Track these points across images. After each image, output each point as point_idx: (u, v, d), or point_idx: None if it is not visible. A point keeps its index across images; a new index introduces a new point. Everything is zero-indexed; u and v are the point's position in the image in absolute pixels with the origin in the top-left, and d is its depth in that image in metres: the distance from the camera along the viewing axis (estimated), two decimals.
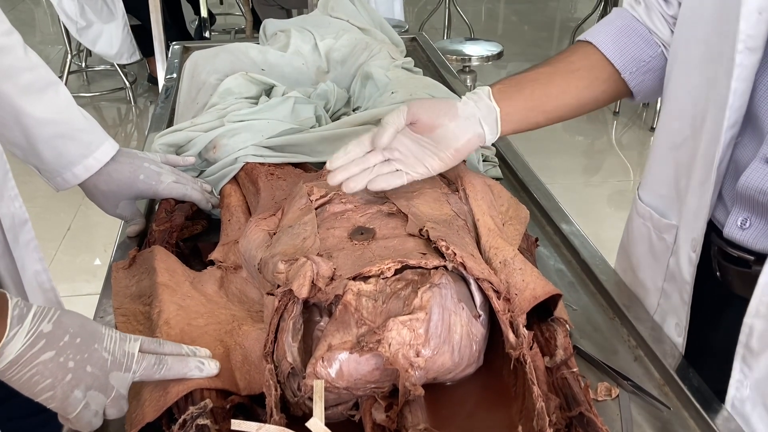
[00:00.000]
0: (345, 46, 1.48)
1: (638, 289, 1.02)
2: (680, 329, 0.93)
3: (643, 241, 1.01)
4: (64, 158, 0.97)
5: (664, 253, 0.96)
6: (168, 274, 0.91)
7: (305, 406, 0.72)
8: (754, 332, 0.80)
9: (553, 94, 0.97)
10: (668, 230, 0.95)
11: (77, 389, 0.65)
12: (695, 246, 0.88)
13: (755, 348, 0.81)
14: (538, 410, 0.69)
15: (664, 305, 0.96)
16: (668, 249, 0.95)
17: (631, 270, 1.05)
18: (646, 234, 1.00)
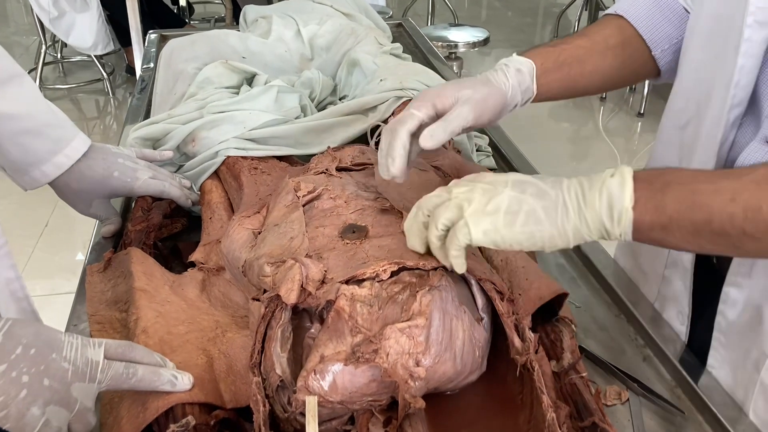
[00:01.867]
0: (329, 32, 1.42)
1: (638, 276, 0.98)
2: (683, 317, 0.89)
3: None
4: (32, 156, 0.91)
5: None
6: (145, 278, 0.85)
7: (296, 422, 0.67)
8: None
9: (587, 72, 0.93)
10: None
11: (34, 406, 0.59)
12: None
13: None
14: (549, 421, 0.64)
15: (664, 292, 0.93)
16: None
17: (632, 257, 1.01)
18: None
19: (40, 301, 2.41)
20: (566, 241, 0.66)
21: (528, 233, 0.65)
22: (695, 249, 0.66)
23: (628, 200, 0.63)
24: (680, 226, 0.62)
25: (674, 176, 0.64)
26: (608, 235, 0.65)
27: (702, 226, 0.61)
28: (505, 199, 0.66)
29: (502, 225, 0.65)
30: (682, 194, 0.62)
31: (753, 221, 0.59)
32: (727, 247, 0.63)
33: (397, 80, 1.18)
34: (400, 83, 1.17)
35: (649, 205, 0.63)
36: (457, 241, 0.66)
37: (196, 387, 0.70)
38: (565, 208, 0.65)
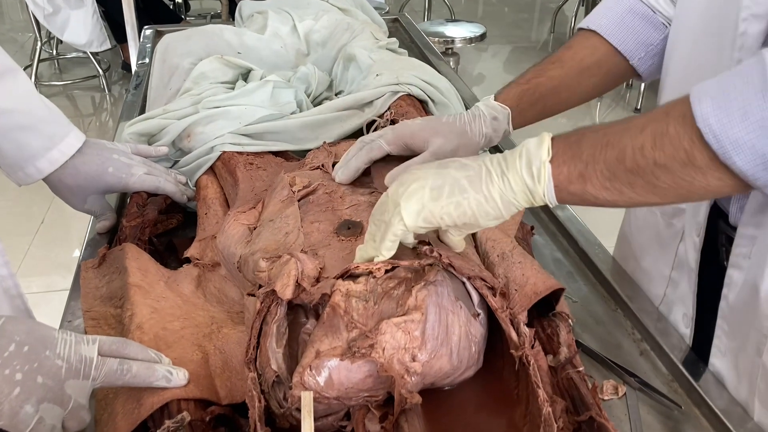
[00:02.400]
0: (325, 28, 1.42)
1: (641, 278, 0.97)
2: (687, 320, 0.88)
3: (648, 227, 0.96)
4: (26, 151, 0.90)
5: (672, 240, 0.91)
6: (140, 274, 0.84)
7: (292, 417, 0.66)
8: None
9: (563, 99, 0.95)
10: (677, 215, 0.90)
11: (27, 403, 0.59)
12: (699, 230, 0.84)
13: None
14: (545, 416, 0.64)
15: (671, 295, 0.92)
16: (677, 235, 0.90)
17: (634, 258, 1.00)
18: (652, 220, 0.95)
19: (37, 298, 2.41)
20: (495, 208, 0.67)
21: (455, 203, 0.66)
22: (615, 198, 0.63)
23: (545, 154, 0.64)
24: (596, 169, 0.63)
25: (589, 129, 0.66)
26: (533, 196, 0.66)
27: (616, 165, 0.62)
28: (430, 176, 0.68)
29: (428, 200, 0.67)
30: (596, 138, 0.64)
31: (661, 148, 0.59)
32: (644, 189, 0.62)
33: (393, 75, 1.17)
34: (396, 78, 1.16)
35: (566, 156, 0.64)
36: (392, 231, 0.68)
37: (191, 383, 0.69)
38: (489, 173, 0.67)
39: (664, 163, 0.59)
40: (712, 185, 0.59)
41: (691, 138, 0.58)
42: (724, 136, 0.56)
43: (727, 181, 0.59)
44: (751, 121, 0.55)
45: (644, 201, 0.64)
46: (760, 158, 0.55)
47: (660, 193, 0.62)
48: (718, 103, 0.56)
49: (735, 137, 0.55)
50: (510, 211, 0.67)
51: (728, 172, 0.58)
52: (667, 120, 0.59)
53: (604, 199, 0.64)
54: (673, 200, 0.64)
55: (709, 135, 0.56)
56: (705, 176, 0.59)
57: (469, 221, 0.68)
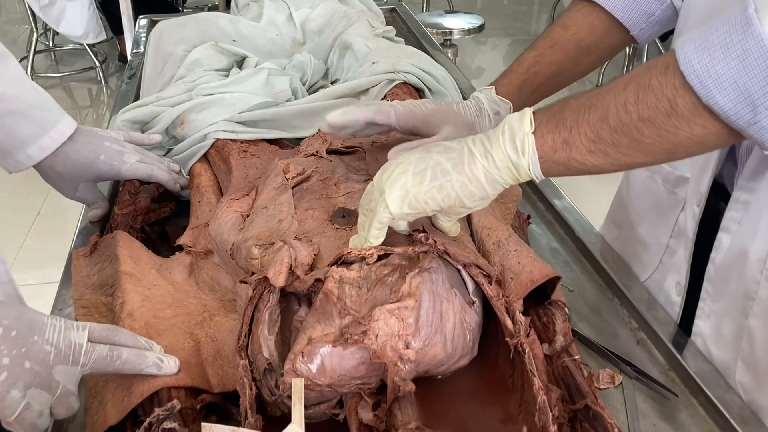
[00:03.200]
0: (321, 16, 1.40)
1: (635, 245, 0.97)
2: (680, 288, 0.88)
3: (649, 195, 0.95)
4: (16, 138, 0.89)
5: (673, 209, 0.91)
6: (132, 262, 0.83)
7: (284, 405, 0.65)
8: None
9: (563, 81, 0.94)
10: (681, 184, 0.89)
11: (14, 388, 0.58)
12: (699, 201, 0.84)
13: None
14: (540, 404, 0.63)
15: (666, 262, 0.92)
16: (679, 203, 0.89)
17: (629, 225, 1.00)
18: (653, 188, 0.94)
19: (32, 289, 2.40)
20: (480, 188, 0.66)
21: (438, 186, 0.66)
22: (601, 161, 0.62)
23: (528, 126, 0.64)
24: (580, 133, 0.62)
25: (573, 96, 0.65)
26: (518, 171, 0.65)
27: (600, 125, 0.61)
28: (412, 162, 0.67)
29: (411, 185, 0.66)
30: (579, 103, 0.63)
31: (644, 100, 0.58)
32: (629, 146, 0.61)
33: (390, 63, 1.16)
34: (393, 66, 1.15)
35: (549, 126, 0.63)
36: (378, 218, 0.67)
37: (182, 371, 0.69)
38: (471, 154, 0.66)
39: (648, 116, 0.58)
40: (696, 134, 0.58)
41: (674, 85, 0.57)
42: (705, 74, 0.55)
43: (711, 128, 0.58)
44: (733, 55, 0.54)
45: (630, 161, 0.63)
46: (741, 93, 0.54)
47: (645, 149, 0.61)
48: (700, 44, 0.56)
49: (716, 73, 0.55)
50: (496, 189, 0.67)
51: (712, 117, 0.57)
52: (649, 73, 0.59)
53: (591, 164, 0.63)
54: (658, 157, 0.63)
55: (692, 76, 0.56)
56: (689, 124, 0.58)
57: (454, 203, 0.67)
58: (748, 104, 0.55)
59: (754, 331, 0.77)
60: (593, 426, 0.63)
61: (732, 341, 0.80)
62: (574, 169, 0.64)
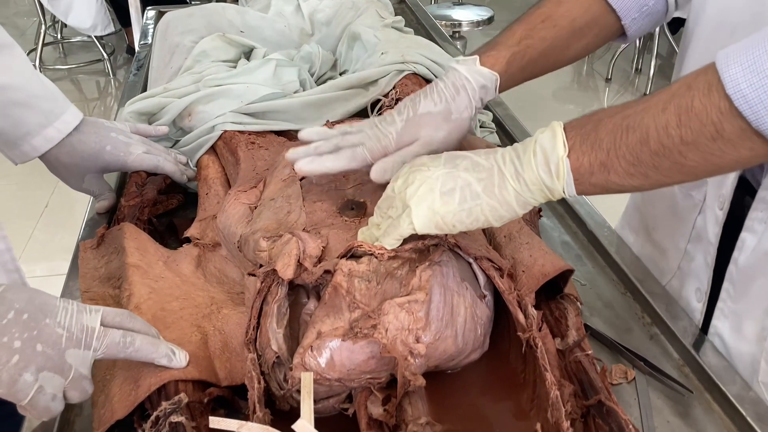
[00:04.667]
0: (330, 7, 1.39)
1: (652, 251, 0.95)
2: (701, 294, 0.86)
3: (664, 199, 0.93)
4: (21, 128, 0.88)
5: (690, 212, 0.88)
6: (138, 254, 0.82)
7: (293, 399, 0.65)
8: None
9: (551, 62, 0.88)
10: (697, 187, 0.87)
11: (26, 372, 0.58)
12: (722, 203, 0.81)
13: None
14: (553, 400, 0.62)
15: (685, 268, 0.90)
16: (696, 207, 0.87)
17: (645, 230, 0.98)
18: (668, 192, 0.92)
19: (40, 282, 2.40)
20: (511, 210, 0.64)
21: (467, 210, 0.63)
22: (641, 183, 0.60)
23: (562, 148, 0.61)
24: (618, 156, 0.59)
25: (604, 113, 0.61)
26: (551, 193, 0.63)
27: (640, 148, 0.58)
28: (439, 178, 0.64)
29: (439, 206, 0.63)
30: (615, 123, 0.60)
31: (687, 124, 0.56)
32: (671, 169, 0.58)
33: (399, 53, 1.14)
34: (402, 56, 1.14)
35: (584, 147, 0.60)
36: (399, 231, 0.65)
37: (190, 364, 0.68)
38: (502, 175, 0.63)
39: (692, 140, 0.56)
40: (744, 156, 0.56)
41: (719, 109, 0.54)
42: (757, 99, 0.52)
43: (760, 150, 0.55)
44: None
45: (671, 181, 0.61)
46: None
47: (687, 171, 0.58)
48: (749, 67, 0.53)
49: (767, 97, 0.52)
50: (526, 209, 0.64)
51: (761, 139, 0.54)
52: (690, 94, 0.56)
53: (630, 186, 0.61)
54: (700, 177, 0.61)
55: (741, 101, 0.53)
56: (736, 148, 0.55)
57: (481, 225, 0.65)
58: None
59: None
60: (607, 422, 0.62)
61: (755, 341, 0.78)
62: (611, 190, 0.62)
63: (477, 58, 0.82)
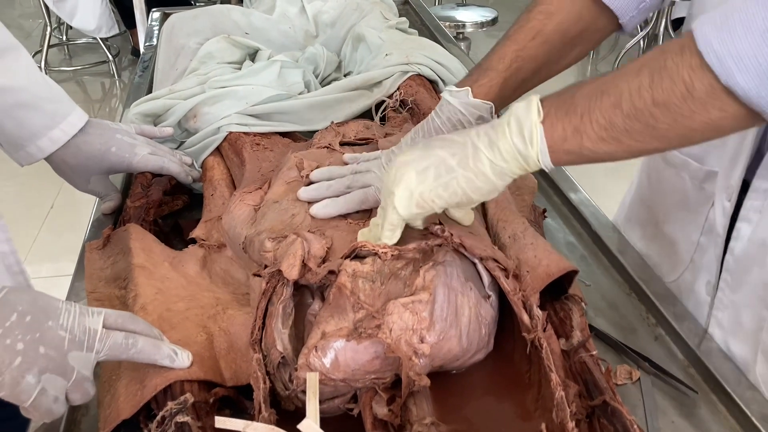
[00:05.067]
0: (334, 8, 1.39)
1: (663, 244, 0.94)
2: (710, 287, 0.86)
3: (675, 192, 0.92)
4: (27, 130, 0.89)
5: (703, 205, 0.87)
6: (144, 255, 0.83)
7: (298, 399, 0.65)
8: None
9: (544, 75, 0.86)
10: (709, 179, 0.86)
11: (29, 373, 0.58)
12: (730, 195, 0.80)
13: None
14: (558, 400, 0.62)
15: (698, 260, 0.89)
16: (708, 200, 0.86)
17: (654, 225, 0.97)
18: (679, 185, 0.91)
19: (46, 282, 2.40)
20: (488, 182, 0.64)
21: (443, 184, 0.64)
22: (614, 149, 0.60)
23: (535, 115, 0.61)
24: (592, 120, 0.59)
25: (582, 83, 0.62)
26: (526, 162, 0.63)
27: (612, 111, 0.58)
28: (415, 160, 0.65)
29: (416, 184, 0.64)
30: (590, 89, 0.60)
31: (659, 84, 0.56)
32: (643, 133, 0.58)
33: (403, 55, 1.15)
34: (406, 58, 1.14)
35: (559, 113, 0.61)
36: (389, 220, 0.66)
37: (195, 364, 0.68)
38: (475, 148, 0.64)
39: (663, 100, 0.56)
40: (714, 118, 0.56)
41: (691, 66, 0.55)
42: (725, 53, 0.53)
43: (729, 111, 0.55)
44: (755, 33, 0.52)
45: (643, 147, 0.61)
46: (764, 72, 0.52)
47: (659, 135, 0.58)
48: (720, 23, 0.54)
49: (737, 52, 0.52)
50: (504, 180, 0.65)
51: (730, 99, 0.54)
52: (664, 56, 0.57)
53: (603, 152, 0.61)
54: (673, 143, 0.61)
55: (711, 55, 0.53)
56: (705, 108, 0.56)
57: (461, 199, 0.65)
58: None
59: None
60: (611, 422, 0.62)
61: (752, 333, 0.78)
62: (585, 158, 0.62)
63: (469, 90, 0.81)
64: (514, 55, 0.82)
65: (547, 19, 0.82)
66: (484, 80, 0.82)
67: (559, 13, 0.83)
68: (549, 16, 0.83)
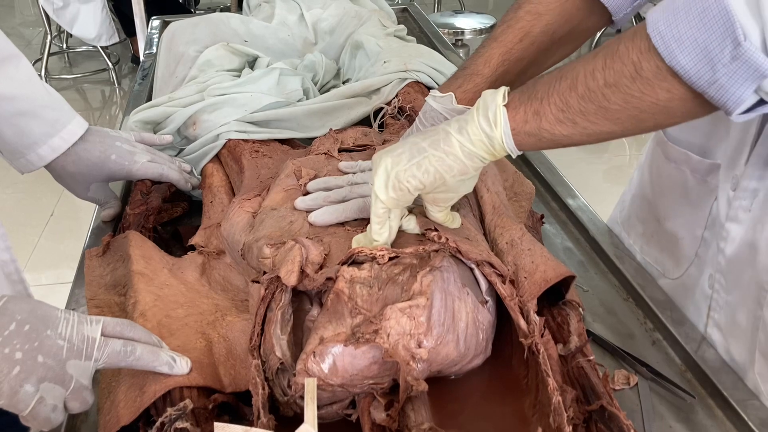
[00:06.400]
0: (333, 16, 1.40)
1: (667, 241, 0.94)
2: (713, 281, 0.85)
3: (676, 187, 0.92)
4: (27, 138, 0.89)
5: (706, 198, 0.87)
6: (144, 261, 0.83)
7: (296, 405, 0.65)
8: None
9: (530, 75, 0.87)
10: (712, 171, 0.85)
11: (27, 382, 0.58)
12: (735, 184, 0.80)
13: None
14: (555, 405, 0.62)
15: (703, 255, 0.88)
16: (712, 193, 0.85)
17: (655, 221, 0.97)
18: (680, 180, 0.91)
19: (46, 290, 2.41)
20: (458, 161, 0.67)
21: (416, 164, 0.67)
22: (570, 131, 0.63)
23: (501, 98, 0.65)
24: (550, 103, 0.62)
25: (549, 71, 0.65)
26: (492, 144, 0.66)
27: (569, 93, 0.61)
28: (391, 150, 0.69)
29: (391, 167, 0.68)
30: (552, 75, 0.64)
31: (611, 66, 0.59)
32: (596, 114, 0.61)
33: (401, 62, 1.16)
34: (404, 65, 1.15)
35: (522, 98, 0.64)
36: (374, 211, 0.69)
37: (194, 370, 0.68)
38: (446, 132, 0.68)
39: (614, 81, 0.59)
40: (661, 98, 0.58)
41: (640, 49, 0.58)
42: (669, 35, 0.55)
43: (675, 92, 0.58)
44: (693, 14, 0.54)
45: (598, 129, 0.63)
46: (701, 51, 0.55)
47: (612, 116, 0.61)
48: (667, 6, 0.56)
49: (678, 33, 0.55)
50: (474, 162, 0.68)
51: (676, 80, 0.57)
52: (618, 40, 0.60)
53: (560, 134, 0.64)
54: (626, 125, 0.63)
55: (657, 37, 0.56)
56: (653, 88, 0.58)
57: (434, 179, 0.68)
58: (707, 62, 0.55)
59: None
60: (608, 427, 0.62)
61: (749, 332, 0.78)
62: (545, 140, 0.65)
63: (452, 96, 0.82)
64: (500, 59, 0.83)
65: (536, 20, 0.82)
66: (469, 86, 0.83)
67: (549, 14, 0.82)
68: (538, 17, 0.82)
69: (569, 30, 0.84)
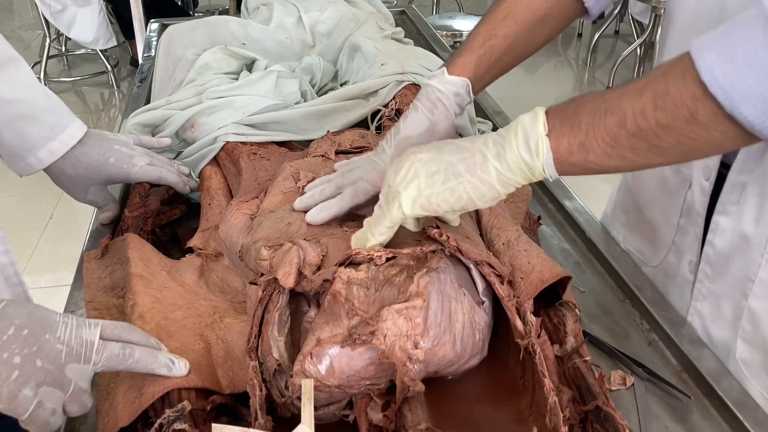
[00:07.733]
0: (331, 19, 1.41)
1: (645, 229, 0.97)
2: (692, 266, 0.87)
3: (654, 176, 0.94)
4: (26, 141, 0.89)
5: (680, 188, 0.89)
6: (142, 264, 0.84)
7: (294, 406, 0.66)
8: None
9: (517, 54, 0.89)
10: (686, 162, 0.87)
11: (26, 387, 0.58)
12: (708, 174, 0.82)
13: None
14: (551, 405, 0.62)
15: (680, 242, 0.91)
16: (686, 182, 0.88)
17: (637, 209, 0.99)
18: (658, 170, 0.93)
19: (45, 293, 2.41)
20: (492, 189, 0.66)
21: (450, 189, 0.66)
22: (618, 163, 0.63)
23: (541, 128, 0.64)
24: (597, 137, 0.62)
25: (584, 98, 0.64)
26: (532, 172, 0.65)
27: (617, 130, 0.61)
28: (425, 163, 0.67)
29: (424, 187, 0.66)
30: (594, 106, 0.62)
31: (663, 108, 0.58)
32: (648, 151, 0.61)
33: (398, 64, 1.16)
34: (401, 67, 1.15)
35: (564, 128, 0.63)
36: (390, 217, 0.68)
37: (192, 372, 0.69)
38: (484, 156, 0.66)
39: (667, 123, 0.58)
40: (716, 139, 0.58)
41: (694, 95, 0.57)
42: (730, 86, 0.54)
43: (731, 134, 0.57)
44: (758, 69, 0.54)
45: (647, 163, 0.63)
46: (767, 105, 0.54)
47: (663, 153, 0.61)
48: (722, 54, 0.55)
49: (742, 87, 0.54)
50: (508, 189, 0.67)
51: (733, 124, 0.56)
52: (666, 80, 0.58)
53: (608, 166, 0.63)
54: (676, 159, 0.63)
55: (715, 87, 0.55)
56: (709, 131, 0.57)
57: (465, 204, 0.67)
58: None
59: (756, 312, 0.78)
60: (604, 427, 0.63)
61: (732, 321, 0.81)
62: (590, 171, 0.65)
63: (444, 69, 0.85)
64: (486, 35, 0.87)
65: (516, 1, 0.88)
66: (459, 59, 0.86)
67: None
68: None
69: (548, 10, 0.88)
